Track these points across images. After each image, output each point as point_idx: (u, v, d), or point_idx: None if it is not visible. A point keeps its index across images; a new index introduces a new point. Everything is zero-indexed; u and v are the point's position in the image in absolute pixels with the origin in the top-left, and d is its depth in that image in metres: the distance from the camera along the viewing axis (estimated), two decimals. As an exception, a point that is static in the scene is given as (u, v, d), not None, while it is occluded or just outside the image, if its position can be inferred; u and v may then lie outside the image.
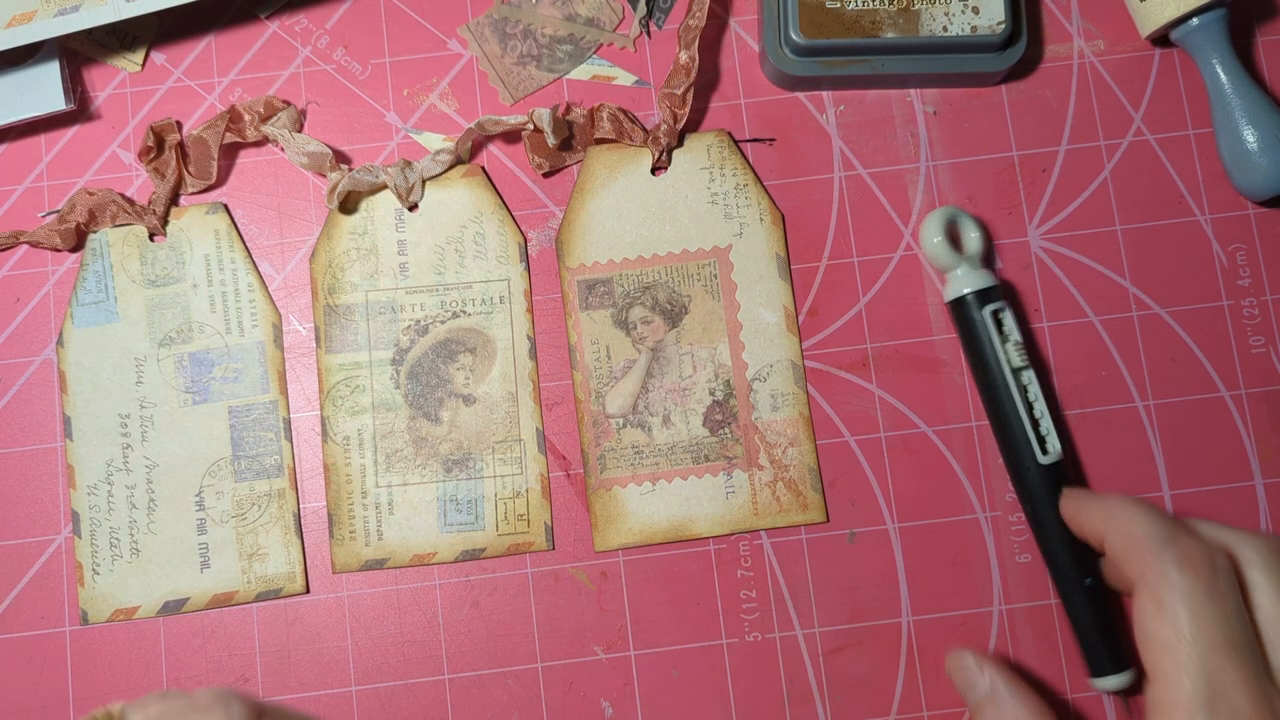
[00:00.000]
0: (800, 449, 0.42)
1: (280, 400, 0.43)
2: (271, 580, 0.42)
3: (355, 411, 0.43)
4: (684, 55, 0.43)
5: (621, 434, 0.43)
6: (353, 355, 0.43)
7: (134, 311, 0.43)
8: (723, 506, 0.42)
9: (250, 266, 0.43)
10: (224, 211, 0.44)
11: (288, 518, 0.42)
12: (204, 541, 0.42)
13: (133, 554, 0.42)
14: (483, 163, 0.45)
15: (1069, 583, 0.40)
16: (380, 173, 0.43)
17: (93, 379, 0.43)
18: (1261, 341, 0.44)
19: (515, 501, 0.42)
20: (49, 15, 0.42)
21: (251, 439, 0.43)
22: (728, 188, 0.44)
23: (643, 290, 0.43)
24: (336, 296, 0.43)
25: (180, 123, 0.44)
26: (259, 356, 0.43)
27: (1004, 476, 0.43)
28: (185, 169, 0.44)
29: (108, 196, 0.43)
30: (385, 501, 0.42)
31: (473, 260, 0.43)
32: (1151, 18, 0.44)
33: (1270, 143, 0.42)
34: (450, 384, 0.43)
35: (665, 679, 0.42)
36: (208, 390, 0.43)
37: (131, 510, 0.42)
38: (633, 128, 0.43)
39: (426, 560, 0.42)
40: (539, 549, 0.42)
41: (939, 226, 0.42)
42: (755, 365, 0.43)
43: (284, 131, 0.43)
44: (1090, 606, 0.40)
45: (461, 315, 0.43)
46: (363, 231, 0.44)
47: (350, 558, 0.42)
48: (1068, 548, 0.40)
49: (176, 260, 0.44)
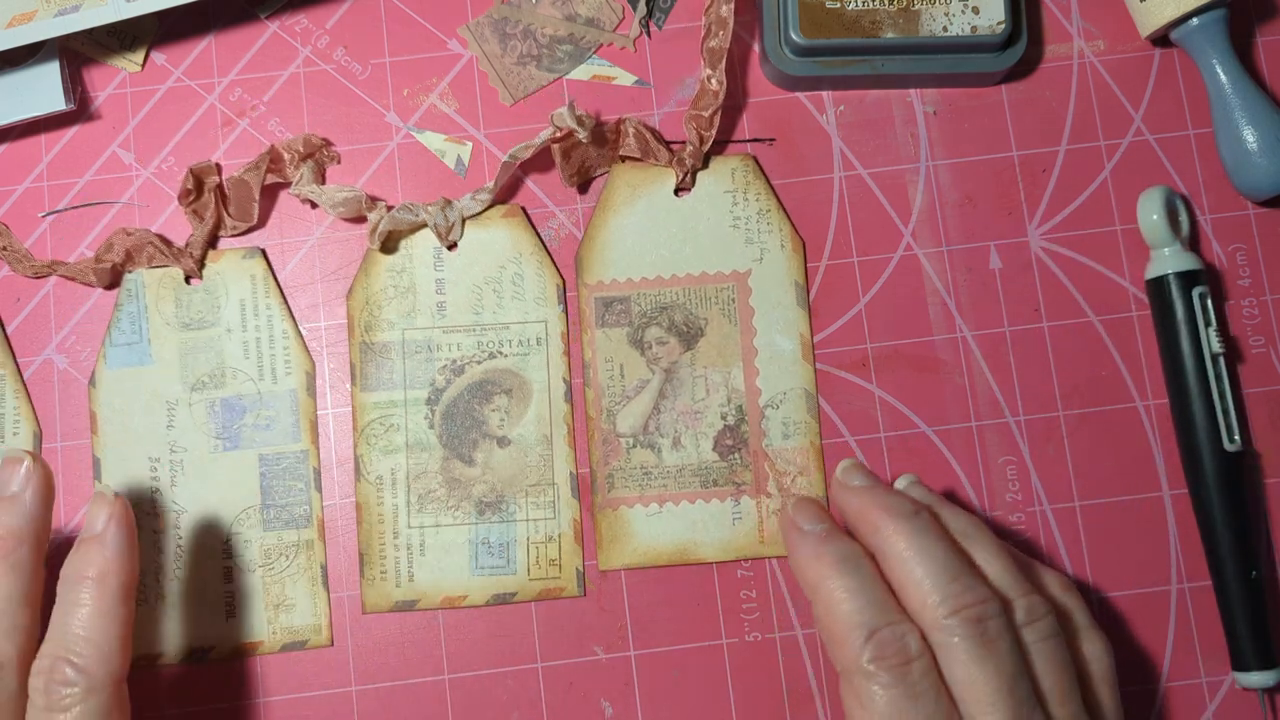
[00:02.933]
0: (810, 479, 0.42)
1: (311, 450, 0.43)
2: (297, 631, 0.42)
3: (389, 451, 0.43)
4: (714, 80, 0.42)
5: (631, 454, 0.43)
6: (388, 394, 0.43)
7: (167, 354, 0.43)
8: (729, 532, 0.42)
9: (285, 313, 0.43)
10: (261, 257, 0.44)
11: (315, 569, 0.42)
12: (230, 590, 0.42)
13: (158, 600, 0.42)
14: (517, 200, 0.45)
15: (1231, 572, 0.40)
16: (420, 211, 0.43)
17: (123, 420, 0.43)
18: (1261, 341, 0.44)
19: (547, 546, 0.42)
20: (49, 15, 0.42)
21: (281, 488, 0.42)
22: (750, 212, 0.44)
23: (660, 310, 0.43)
24: (373, 334, 0.43)
25: (220, 165, 0.44)
26: (291, 404, 0.43)
27: (1004, 477, 0.43)
28: (225, 211, 0.44)
29: (145, 237, 0.43)
30: (417, 543, 0.42)
31: (510, 301, 0.43)
32: (1151, 18, 0.44)
33: (1270, 143, 0.42)
34: (485, 425, 0.43)
35: (665, 679, 0.42)
36: (239, 437, 0.43)
37: (158, 555, 0.42)
38: (658, 147, 0.43)
39: (457, 603, 0.42)
40: (570, 595, 0.42)
41: (1159, 204, 0.42)
42: (769, 392, 0.43)
43: (312, 188, 0.42)
44: (1249, 599, 0.40)
45: (498, 356, 0.43)
46: (401, 269, 0.43)
47: (381, 598, 0.42)
48: (1236, 538, 0.40)
49: (211, 304, 0.43)
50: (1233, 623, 0.41)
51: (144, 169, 0.45)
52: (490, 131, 0.45)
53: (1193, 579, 0.42)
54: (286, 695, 0.41)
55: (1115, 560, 0.42)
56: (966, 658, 0.34)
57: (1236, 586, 0.40)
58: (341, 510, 0.42)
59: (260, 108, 0.45)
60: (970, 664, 0.34)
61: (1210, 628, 0.42)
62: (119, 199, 0.44)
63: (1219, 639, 0.42)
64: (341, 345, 0.44)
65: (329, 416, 0.43)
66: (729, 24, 0.43)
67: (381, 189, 0.45)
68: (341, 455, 0.43)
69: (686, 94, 0.45)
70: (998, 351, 0.43)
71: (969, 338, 0.44)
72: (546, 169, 0.45)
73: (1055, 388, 0.43)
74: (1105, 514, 0.43)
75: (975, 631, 0.34)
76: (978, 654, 0.34)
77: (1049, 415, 0.43)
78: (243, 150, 0.45)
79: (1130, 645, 0.42)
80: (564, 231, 0.44)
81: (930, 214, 0.44)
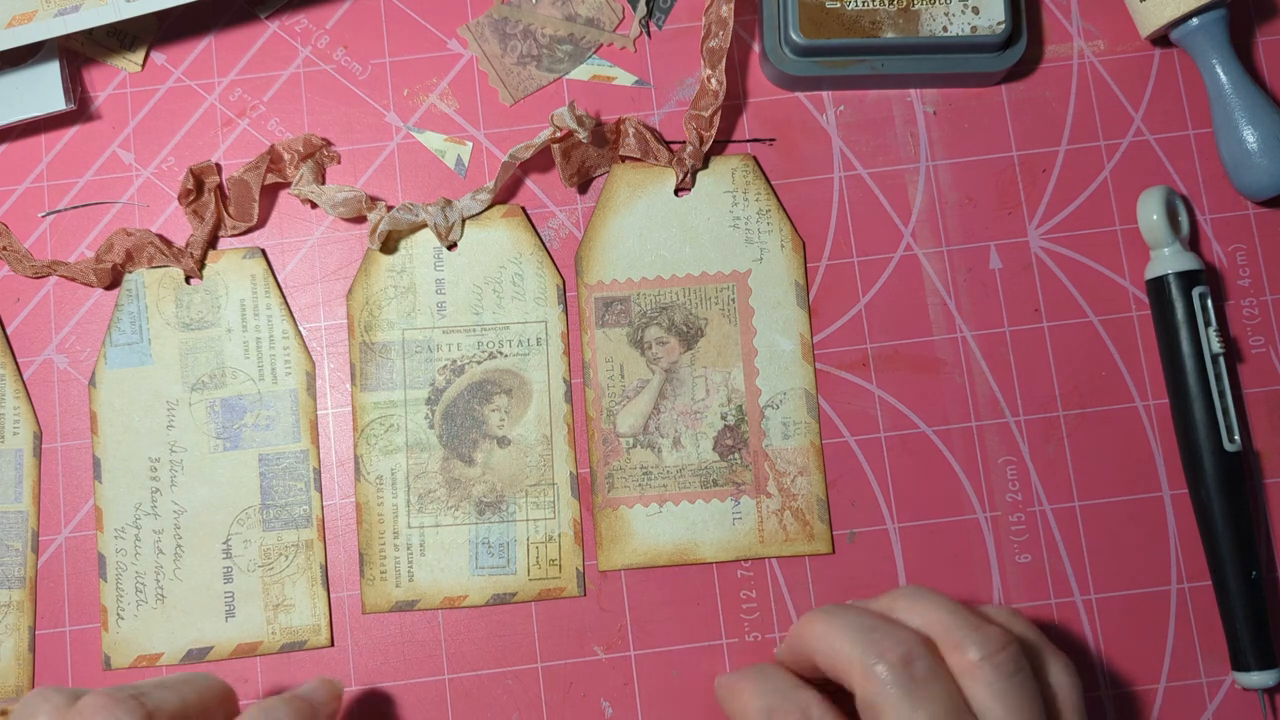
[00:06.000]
0: (810, 479, 0.42)
1: (311, 450, 0.43)
2: (296, 632, 0.42)
3: (389, 451, 0.43)
4: (714, 80, 0.42)
5: (631, 454, 0.43)
6: (388, 394, 0.43)
7: (167, 354, 0.43)
8: (729, 532, 0.42)
9: (286, 313, 0.43)
10: (261, 256, 0.44)
11: (315, 569, 0.42)
12: (230, 590, 0.42)
13: (158, 600, 0.42)
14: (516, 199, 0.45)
15: (1231, 572, 0.40)
16: (420, 211, 0.43)
17: (124, 421, 0.43)
18: (1261, 341, 0.44)
19: (547, 546, 0.42)
20: (49, 15, 0.42)
21: (281, 488, 0.42)
22: (750, 212, 0.44)
23: (660, 311, 0.43)
24: (373, 334, 0.43)
25: (220, 165, 0.44)
26: (291, 404, 0.43)
27: (1004, 477, 0.43)
28: (225, 211, 0.44)
29: (145, 237, 0.43)
30: (417, 543, 0.42)
31: (510, 301, 0.43)
32: (1151, 18, 0.44)
33: (1270, 143, 0.42)
34: (485, 425, 0.43)
35: (665, 679, 0.42)
36: (239, 437, 0.43)
37: (158, 555, 0.42)
38: (658, 147, 0.43)
39: (457, 603, 0.42)
40: (570, 595, 0.42)
41: (1159, 204, 0.42)
42: (769, 392, 0.43)
43: (312, 188, 0.42)
44: (1248, 599, 0.40)
45: (498, 356, 0.43)
46: (401, 269, 0.44)
47: (381, 598, 0.42)
48: (1236, 538, 0.40)
49: (212, 304, 0.43)
50: (1233, 623, 0.41)
51: (144, 169, 0.45)
52: (490, 131, 0.45)
53: (1193, 579, 0.42)
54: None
55: (1115, 560, 0.42)
56: (894, 707, 0.32)
57: (1236, 586, 0.40)
58: (341, 510, 0.42)
59: (260, 108, 0.45)
60: (902, 713, 0.32)
61: (1210, 628, 0.42)
62: (119, 199, 0.44)
63: (1219, 639, 0.42)
64: (341, 345, 0.44)
65: (329, 416, 0.43)
66: (729, 24, 0.43)
67: (381, 189, 0.45)
68: (341, 455, 0.43)
69: (686, 94, 0.45)
70: (998, 351, 0.43)
71: (969, 338, 0.44)
72: (546, 169, 0.45)
73: (1055, 388, 0.43)
74: (1105, 514, 0.43)
75: (903, 675, 0.32)
76: (909, 701, 0.32)
77: (1049, 415, 0.43)
78: (243, 150, 0.45)
79: (1130, 645, 0.42)
80: (564, 231, 0.44)
81: (930, 214, 0.44)
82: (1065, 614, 0.42)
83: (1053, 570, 0.42)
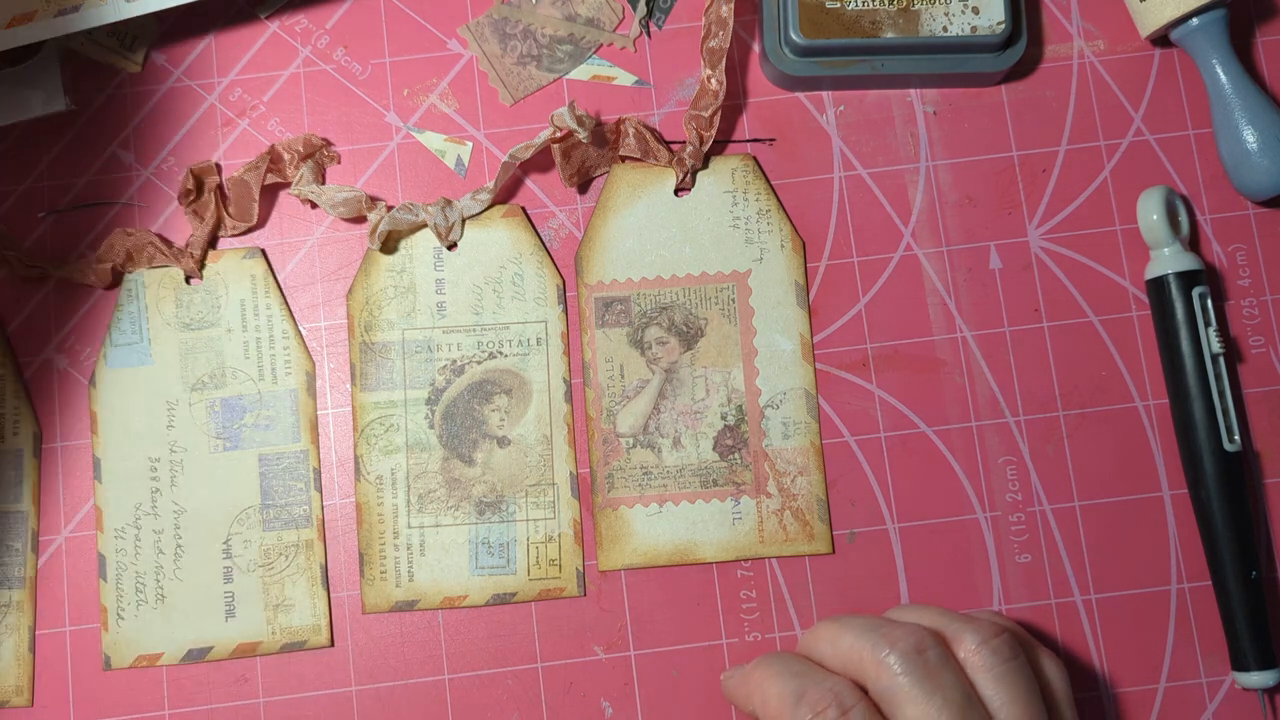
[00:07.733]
0: (810, 479, 0.42)
1: (311, 450, 0.43)
2: (296, 632, 0.42)
3: (389, 451, 0.42)
4: (714, 80, 0.43)
5: (631, 454, 0.43)
6: (388, 394, 0.43)
7: (167, 354, 0.43)
8: (729, 532, 0.42)
9: (286, 313, 0.43)
10: (261, 256, 0.44)
11: (315, 569, 0.42)
12: (230, 590, 0.42)
13: (158, 600, 0.42)
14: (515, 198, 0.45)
15: (1231, 572, 0.40)
16: (420, 211, 0.43)
17: (123, 421, 0.43)
18: (1261, 341, 0.44)
19: (547, 546, 0.42)
20: (49, 15, 0.42)
21: (281, 488, 0.42)
22: (750, 212, 0.44)
23: (659, 311, 0.43)
24: (373, 334, 0.43)
25: (220, 165, 0.44)
26: (291, 405, 0.43)
27: (1004, 477, 0.43)
28: (225, 211, 0.44)
29: (145, 237, 0.43)
30: (417, 543, 0.42)
31: (510, 301, 0.43)
32: (1151, 18, 0.44)
33: (1270, 143, 0.42)
34: (485, 425, 0.43)
35: (665, 679, 0.42)
36: (239, 437, 0.43)
37: (158, 555, 0.42)
38: (658, 147, 0.43)
39: (457, 603, 0.42)
40: (570, 595, 0.42)
41: (1159, 204, 0.42)
42: (769, 392, 0.43)
43: (312, 188, 0.42)
44: (1248, 599, 0.40)
45: (498, 356, 0.43)
46: (401, 269, 0.44)
47: (380, 598, 0.42)
48: (1236, 538, 0.40)
49: (212, 304, 0.43)
50: (1233, 623, 0.41)
51: (144, 169, 0.45)
52: (490, 131, 0.45)
53: (1193, 579, 0.42)
54: (286, 695, 0.41)
55: (1115, 560, 0.42)
56: (910, 696, 0.34)
57: (1236, 586, 0.40)
58: (341, 510, 0.42)
59: (260, 108, 0.45)
60: (918, 701, 0.33)
61: (1210, 628, 0.42)
62: (119, 199, 0.45)
63: (1219, 639, 0.42)
64: (341, 345, 0.44)
65: (329, 416, 0.43)
66: (729, 24, 0.43)
67: (381, 189, 0.45)
68: (341, 455, 0.43)
69: (686, 94, 0.45)
70: (998, 351, 0.43)
71: (969, 338, 0.44)
72: (546, 169, 0.45)
73: (1055, 388, 0.43)
74: (1105, 514, 0.43)
75: (916, 664, 0.34)
76: (924, 688, 0.34)
77: (1049, 415, 0.43)
78: (243, 150, 0.45)
79: (1130, 645, 0.42)
80: (564, 231, 0.44)
81: (930, 214, 0.44)
82: (1065, 614, 0.42)
83: (1053, 570, 0.42)
